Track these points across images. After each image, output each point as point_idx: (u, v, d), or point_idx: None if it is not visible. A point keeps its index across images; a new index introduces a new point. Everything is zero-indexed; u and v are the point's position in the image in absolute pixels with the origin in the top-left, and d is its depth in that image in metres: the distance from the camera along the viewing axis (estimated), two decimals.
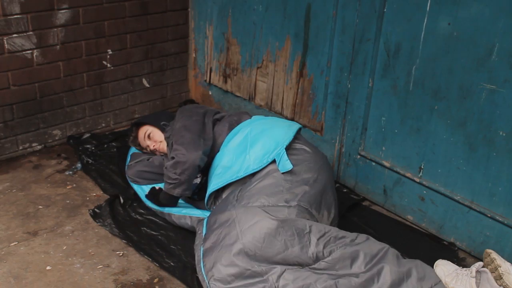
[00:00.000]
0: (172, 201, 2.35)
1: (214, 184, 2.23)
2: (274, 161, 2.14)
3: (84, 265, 2.07)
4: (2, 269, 2.03)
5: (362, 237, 1.95)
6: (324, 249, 1.85)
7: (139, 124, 2.71)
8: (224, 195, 2.21)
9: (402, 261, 1.88)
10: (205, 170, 2.38)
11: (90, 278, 2.01)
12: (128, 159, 2.72)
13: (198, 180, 2.47)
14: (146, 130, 2.64)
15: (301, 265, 1.84)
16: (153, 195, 2.40)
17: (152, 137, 2.62)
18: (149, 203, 2.40)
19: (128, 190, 2.55)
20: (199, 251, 1.99)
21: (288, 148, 2.18)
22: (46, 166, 2.77)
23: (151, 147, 2.62)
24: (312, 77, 2.72)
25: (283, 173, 2.08)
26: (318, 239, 1.86)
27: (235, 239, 1.85)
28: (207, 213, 2.25)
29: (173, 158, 2.27)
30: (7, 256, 2.10)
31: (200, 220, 2.20)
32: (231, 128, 2.37)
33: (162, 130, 2.59)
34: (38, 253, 2.13)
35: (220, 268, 1.82)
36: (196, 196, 2.46)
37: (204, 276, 1.86)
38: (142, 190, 2.52)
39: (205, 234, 2.04)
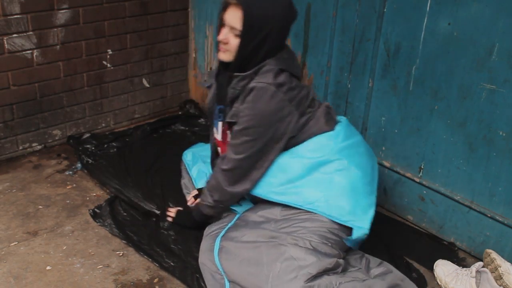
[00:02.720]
0: (204, 219, 2.20)
1: (273, 194, 2.02)
2: None
3: (84, 265, 2.07)
4: (2, 269, 2.03)
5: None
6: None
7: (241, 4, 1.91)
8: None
9: None
10: None
11: (90, 278, 2.01)
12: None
13: None
14: (237, 31, 1.92)
15: None
16: (184, 216, 2.26)
17: (234, 33, 1.94)
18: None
19: (128, 190, 2.54)
20: (214, 238, 2.01)
21: None
22: (46, 166, 2.77)
23: (221, 37, 1.98)
24: (312, 77, 2.72)
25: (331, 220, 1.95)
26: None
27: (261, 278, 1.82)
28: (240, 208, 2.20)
29: (223, 168, 2.03)
30: (7, 256, 2.10)
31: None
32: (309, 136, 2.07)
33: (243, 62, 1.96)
34: (38, 253, 2.13)
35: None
36: None
37: (218, 263, 1.90)
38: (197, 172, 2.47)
39: (229, 228, 2.04)
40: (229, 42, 1.96)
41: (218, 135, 2.18)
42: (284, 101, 1.95)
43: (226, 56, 2.00)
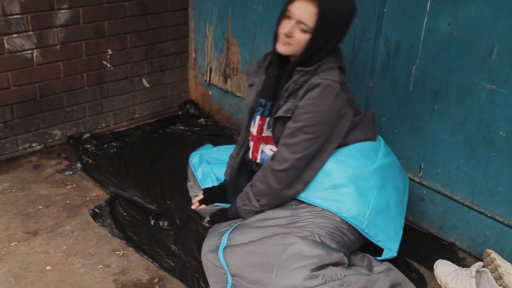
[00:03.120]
0: (238, 216, 2.14)
1: (316, 198, 1.97)
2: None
3: (84, 265, 2.07)
4: (2, 269, 2.03)
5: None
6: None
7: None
8: None
9: None
10: None
11: (90, 278, 2.01)
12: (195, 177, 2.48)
13: None
14: (305, 26, 1.87)
15: None
16: (221, 215, 2.20)
17: (301, 28, 1.88)
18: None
19: (128, 190, 2.54)
20: (221, 235, 1.99)
21: None
22: (46, 166, 2.77)
23: (286, 29, 1.90)
24: None
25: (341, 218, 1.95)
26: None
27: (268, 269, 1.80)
28: None
29: (277, 169, 1.96)
30: (7, 256, 2.10)
31: None
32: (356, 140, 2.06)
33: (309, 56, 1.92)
34: (38, 253, 2.13)
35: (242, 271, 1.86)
36: None
37: (221, 257, 1.89)
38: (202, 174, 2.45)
39: (237, 225, 2.03)
40: (294, 36, 1.90)
41: (253, 129, 2.15)
42: (344, 100, 1.94)
43: (287, 49, 1.94)
